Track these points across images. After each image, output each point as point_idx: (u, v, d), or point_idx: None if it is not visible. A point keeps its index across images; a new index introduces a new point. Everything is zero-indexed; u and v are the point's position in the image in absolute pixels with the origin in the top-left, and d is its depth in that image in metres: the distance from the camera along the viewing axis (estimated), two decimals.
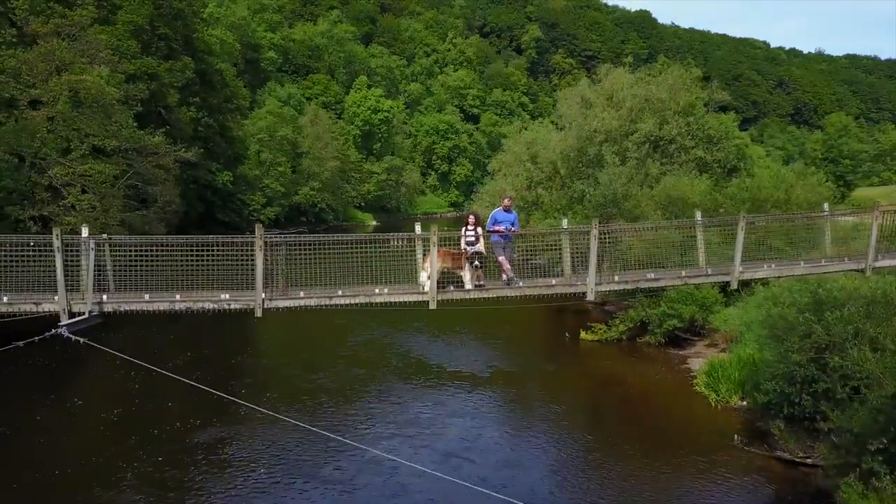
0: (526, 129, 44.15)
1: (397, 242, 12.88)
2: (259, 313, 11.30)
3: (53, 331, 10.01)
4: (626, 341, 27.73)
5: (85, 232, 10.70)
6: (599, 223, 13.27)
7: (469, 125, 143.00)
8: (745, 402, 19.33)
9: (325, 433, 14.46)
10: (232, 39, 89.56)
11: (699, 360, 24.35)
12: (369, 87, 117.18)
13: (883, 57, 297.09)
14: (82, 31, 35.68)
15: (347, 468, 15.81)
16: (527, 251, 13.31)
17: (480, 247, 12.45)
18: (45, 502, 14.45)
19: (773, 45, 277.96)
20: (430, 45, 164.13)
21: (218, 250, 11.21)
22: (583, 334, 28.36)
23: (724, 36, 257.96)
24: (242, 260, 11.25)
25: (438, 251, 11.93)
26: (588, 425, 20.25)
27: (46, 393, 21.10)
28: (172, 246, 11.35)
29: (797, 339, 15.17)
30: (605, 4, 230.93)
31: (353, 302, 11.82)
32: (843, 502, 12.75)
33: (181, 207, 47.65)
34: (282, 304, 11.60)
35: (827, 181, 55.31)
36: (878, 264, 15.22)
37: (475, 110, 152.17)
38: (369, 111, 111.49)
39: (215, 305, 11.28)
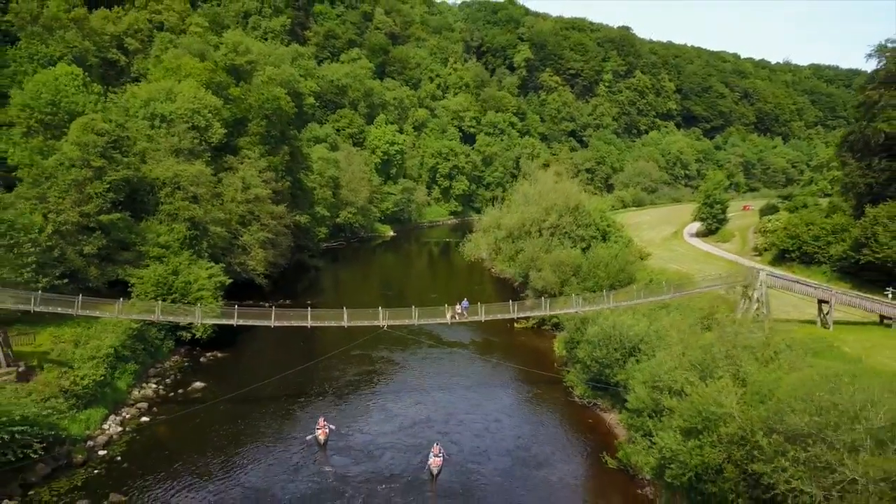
0: (501, 200, 74.28)
1: (442, 308, 43.67)
2: (415, 325, 42.42)
3: (382, 328, 41.39)
4: (536, 328, 58.46)
5: (382, 313, 41.41)
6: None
7: (466, 146, 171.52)
8: (566, 352, 49.98)
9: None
10: (284, 94, 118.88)
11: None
12: (388, 123, 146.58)
13: (844, 66, 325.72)
14: (251, 159, 66.13)
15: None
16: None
17: (460, 310, 43.48)
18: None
19: (744, 55, 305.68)
20: (434, 70, 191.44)
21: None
22: (516, 325, 58.99)
23: (697, 49, 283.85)
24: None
25: (452, 309, 43.06)
26: (507, 358, 50.78)
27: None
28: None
29: (572, 329, 45.78)
30: (591, 23, 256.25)
31: (434, 321, 43.59)
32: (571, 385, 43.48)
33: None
34: (421, 322, 42.50)
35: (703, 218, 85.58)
36: (583, 309, 45.70)
37: (472, 130, 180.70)
38: (387, 144, 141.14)
39: (411, 322, 42.13)
